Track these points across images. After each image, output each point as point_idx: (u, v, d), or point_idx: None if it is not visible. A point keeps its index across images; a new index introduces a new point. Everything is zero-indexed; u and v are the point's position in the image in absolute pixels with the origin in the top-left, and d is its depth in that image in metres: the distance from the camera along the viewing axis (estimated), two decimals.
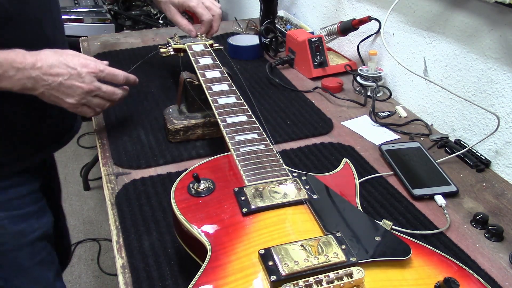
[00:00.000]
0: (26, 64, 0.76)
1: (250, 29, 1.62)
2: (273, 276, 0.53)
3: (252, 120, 0.82)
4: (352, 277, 0.54)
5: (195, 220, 0.62)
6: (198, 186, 0.67)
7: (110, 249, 2.07)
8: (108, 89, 0.88)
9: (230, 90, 0.90)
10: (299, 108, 1.13)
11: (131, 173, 0.90)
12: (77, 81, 0.82)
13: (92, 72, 0.84)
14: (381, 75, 1.21)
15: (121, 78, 0.91)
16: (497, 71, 0.90)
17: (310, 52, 1.27)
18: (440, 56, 1.04)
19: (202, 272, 0.55)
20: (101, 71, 0.86)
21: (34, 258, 0.98)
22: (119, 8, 2.88)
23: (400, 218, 0.78)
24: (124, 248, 0.73)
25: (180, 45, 1.13)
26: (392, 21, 1.17)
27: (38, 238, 0.97)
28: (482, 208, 0.82)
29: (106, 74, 0.87)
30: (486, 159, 0.93)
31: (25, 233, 0.95)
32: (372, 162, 0.93)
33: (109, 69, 0.88)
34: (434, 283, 0.55)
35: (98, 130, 1.04)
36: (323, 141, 1.00)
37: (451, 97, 1.02)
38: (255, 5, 1.93)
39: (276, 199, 0.65)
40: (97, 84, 0.85)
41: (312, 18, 1.58)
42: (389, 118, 1.10)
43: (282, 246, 0.57)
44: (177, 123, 0.97)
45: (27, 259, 0.96)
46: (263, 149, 0.75)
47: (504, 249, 0.73)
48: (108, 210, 0.81)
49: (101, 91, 0.86)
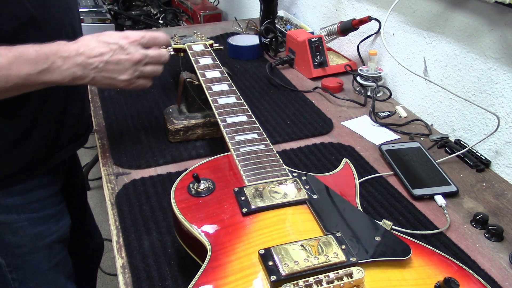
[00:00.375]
0: (70, 52, 0.75)
1: (250, 29, 1.62)
2: (273, 276, 0.53)
3: (252, 120, 0.82)
4: (352, 277, 0.54)
5: (195, 220, 0.62)
6: (198, 186, 0.67)
7: (110, 249, 2.06)
8: (155, 53, 0.83)
9: (230, 90, 0.90)
10: (299, 108, 1.13)
11: (131, 173, 0.90)
12: (123, 55, 0.79)
13: (134, 41, 0.80)
14: (381, 75, 1.21)
15: (163, 38, 0.86)
16: (497, 71, 0.90)
17: (310, 52, 1.27)
18: (440, 56, 1.04)
19: (202, 272, 0.55)
20: (142, 37, 0.82)
21: (50, 261, 0.97)
22: (119, 8, 2.88)
23: (400, 218, 0.78)
24: (124, 248, 0.73)
25: (180, 45, 1.13)
26: (392, 21, 1.17)
27: (55, 241, 0.96)
28: (482, 208, 0.82)
29: (148, 39, 0.83)
30: (486, 159, 0.93)
31: (43, 236, 0.94)
32: (372, 162, 0.93)
33: (149, 33, 0.84)
34: (434, 283, 0.55)
35: (98, 130, 1.04)
36: (323, 141, 1.00)
37: (451, 97, 1.02)
38: (255, 5, 1.93)
39: (276, 199, 0.65)
40: (143, 52, 0.81)
41: (312, 18, 1.58)
42: (389, 118, 1.10)
43: (282, 246, 0.57)
44: (177, 123, 0.97)
45: (44, 261, 0.96)
46: (263, 149, 0.75)
47: (504, 249, 0.73)
48: (108, 210, 0.81)
49: (149, 57, 0.82)
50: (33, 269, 0.95)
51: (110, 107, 1.12)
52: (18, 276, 0.95)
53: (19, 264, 0.94)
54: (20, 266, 0.95)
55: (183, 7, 2.46)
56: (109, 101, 1.15)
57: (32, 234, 0.92)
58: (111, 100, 1.15)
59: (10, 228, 0.90)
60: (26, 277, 0.95)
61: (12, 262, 0.94)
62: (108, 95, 1.18)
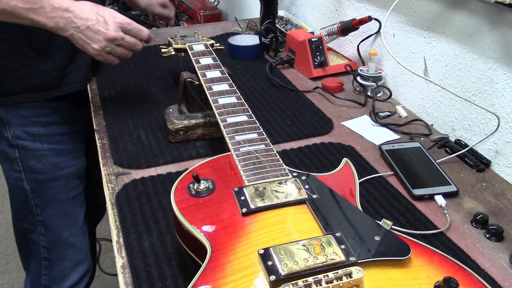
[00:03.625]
0: (61, 6, 0.87)
1: (250, 29, 1.62)
2: (272, 276, 0.53)
3: (252, 120, 0.82)
4: (351, 276, 0.54)
5: (195, 220, 0.62)
6: (198, 186, 0.67)
7: (110, 249, 2.07)
8: (131, 40, 0.94)
9: (230, 90, 0.90)
10: (299, 108, 1.13)
11: (131, 173, 0.90)
12: (103, 28, 0.89)
13: (119, 23, 0.91)
14: (381, 75, 1.21)
15: (145, 34, 0.96)
16: (497, 71, 0.90)
17: (310, 52, 1.27)
18: (440, 56, 1.04)
19: (201, 272, 0.55)
20: (127, 23, 0.93)
21: (68, 192, 1.12)
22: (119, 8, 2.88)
23: (400, 218, 0.78)
24: (124, 248, 0.73)
25: (181, 45, 1.13)
26: (392, 21, 1.17)
27: (72, 174, 1.11)
28: (482, 208, 0.82)
29: (132, 28, 0.93)
30: (486, 159, 0.93)
31: (62, 167, 1.10)
32: (372, 162, 0.93)
33: (135, 24, 0.94)
34: (433, 282, 0.55)
35: (98, 130, 1.04)
36: (323, 141, 1.00)
37: (451, 97, 1.02)
38: (255, 5, 1.93)
39: (276, 199, 0.65)
40: (121, 34, 0.92)
41: (312, 18, 1.58)
42: (389, 118, 1.10)
43: (281, 246, 0.57)
44: (177, 123, 0.97)
45: (62, 192, 1.11)
46: (263, 149, 0.75)
47: (504, 249, 0.73)
48: (108, 210, 0.81)
49: (124, 41, 0.92)
50: (52, 197, 1.10)
51: (110, 107, 1.12)
52: (39, 202, 1.10)
53: (40, 191, 1.09)
54: (42, 193, 1.10)
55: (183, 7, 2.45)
56: (109, 101, 1.15)
57: (52, 163, 1.08)
58: (111, 100, 1.16)
59: (35, 155, 1.06)
60: (46, 204, 1.10)
61: (36, 189, 1.09)
62: (108, 95, 1.18)
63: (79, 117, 1.15)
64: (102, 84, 1.23)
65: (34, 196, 1.09)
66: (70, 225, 1.14)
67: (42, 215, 1.10)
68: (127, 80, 1.26)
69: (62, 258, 1.16)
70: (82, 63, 1.10)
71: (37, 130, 1.06)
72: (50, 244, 1.13)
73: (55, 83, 1.06)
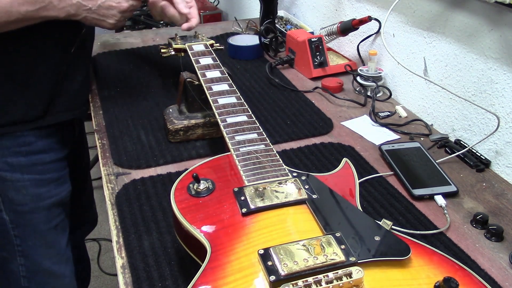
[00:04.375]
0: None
1: (250, 29, 1.62)
2: (272, 276, 0.53)
3: (252, 120, 0.82)
4: (351, 277, 0.54)
5: (195, 221, 0.62)
6: (198, 186, 0.67)
7: (110, 249, 2.07)
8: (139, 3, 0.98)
9: (230, 90, 0.90)
10: (299, 108, 1.13)
11: (131, 173, 0.90)
12: (114, 2, 0.92)
13: None
14: (381, 75, 1.21)
15: None
16: (497, 71, 0.90)
17: (310, 52, 1.27)
18: (440, 56, 1.04)
19: (201, 273, 0.55)
20: None
21: (50, 222, 1.05)
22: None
23: (400, 218, 0.78)
24: (124, 248, 0.73)
25: (181, 45, 1.13)
26: (392, 21, 1.17)
27: (54, 204, 1.04)
28: (482, 208, 0.82)
29: None
30: (486, 159, 0.93)
31: (43, 197, 1.02)
32: (372, 162, 0.93)
33: None
34: (433, 282, 0.55)
35: (98, 130, 1.04)
36: (323, 141, 1.00)
37: (451, 97, 1.02)
38: (255, 5, 1.93)
39: (276, 199, 0.65)
40: (131, 2, 0.95)
41: (312, 18, 1.58)
42: (389, 118, 1.10)
43: (281, 246, 0.57)
44: (177, 123, 0.97)
45: (43, 222, 1.04)
46: (263, 149, 0.75)
47: (504, 249, 0.73)
48: (108, 210, 0.81)
49: (133, 6, 0.96)
50: (33, 228, 1.03)
51: (110, 107, 1.12)
52: (19, 233, 1.03)
53: (20, 222, 1.02)
54: (22, 224, 1.02)
55: None
56: (109, 101, 1.15)
57: (33, 194, 1.00)
58: (111, 100, 1.16)
59: (14, 186, 0.98)
60: (27, 235, 1.03)
61: (15, 219, 1.02)
62: (108, 95, 1.18)
63: (65, 142, 1.06)
64: (102, 84, 1.23)
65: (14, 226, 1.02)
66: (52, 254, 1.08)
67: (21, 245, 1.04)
68: (127, 80, 1.26)
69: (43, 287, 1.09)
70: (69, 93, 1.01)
71: (17, 161, 0.97)
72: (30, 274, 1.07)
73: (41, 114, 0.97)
